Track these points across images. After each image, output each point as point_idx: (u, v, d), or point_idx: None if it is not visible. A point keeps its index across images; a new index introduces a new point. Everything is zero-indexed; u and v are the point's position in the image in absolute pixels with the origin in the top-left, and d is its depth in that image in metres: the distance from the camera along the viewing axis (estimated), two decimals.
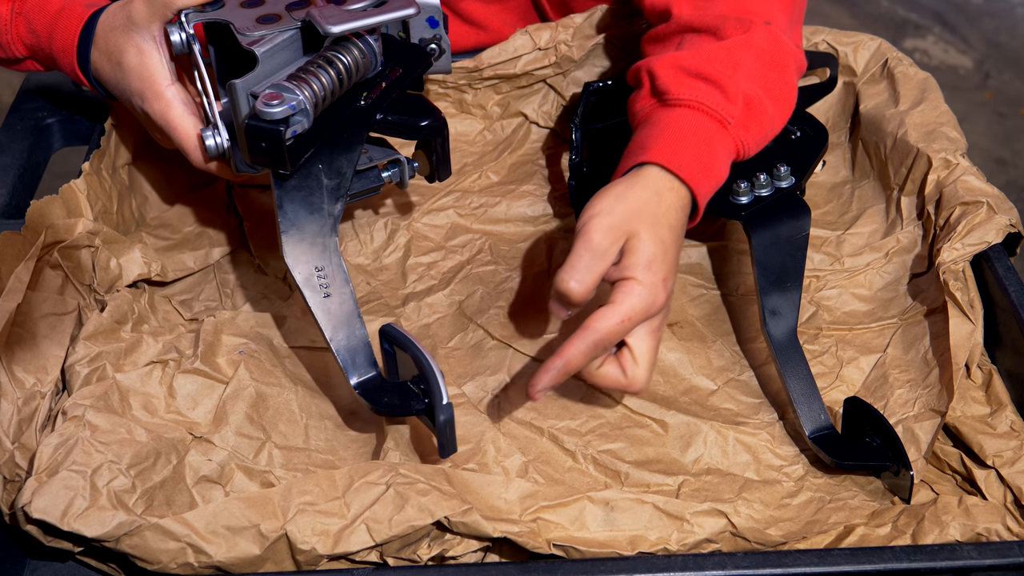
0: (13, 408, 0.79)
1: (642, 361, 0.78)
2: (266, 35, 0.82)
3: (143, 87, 0.87)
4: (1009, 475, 0.77)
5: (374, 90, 0.84)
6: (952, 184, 0.92)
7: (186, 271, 0.96)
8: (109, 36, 0.88)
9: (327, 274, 0.80)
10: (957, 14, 2.80)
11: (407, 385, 0.79)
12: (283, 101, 0.77)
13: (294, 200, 0.81)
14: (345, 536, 0.72)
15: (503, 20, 1.14)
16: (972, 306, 0.84)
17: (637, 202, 0.79)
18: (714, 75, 0.84)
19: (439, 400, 0.75)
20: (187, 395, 0.83)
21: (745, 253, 0.97)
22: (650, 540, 0.74)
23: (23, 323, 0.82)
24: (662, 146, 0.82)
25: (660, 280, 0.77)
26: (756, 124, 0.85)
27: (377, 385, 0.79)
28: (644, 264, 0.77)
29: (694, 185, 0.81)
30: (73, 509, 0.72)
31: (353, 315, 0.80)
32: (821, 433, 0.81)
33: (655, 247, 0.78)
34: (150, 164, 1.01)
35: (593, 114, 1.00)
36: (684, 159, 0.81)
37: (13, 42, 0.95)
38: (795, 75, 0.90)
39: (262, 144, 0.78)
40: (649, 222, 0.78)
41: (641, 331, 0.78)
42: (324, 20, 0.80)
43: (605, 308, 0.76)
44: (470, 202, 1.03)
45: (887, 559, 0.70)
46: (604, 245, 0.77)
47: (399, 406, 0.78)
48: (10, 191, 0.97)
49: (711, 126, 0.83)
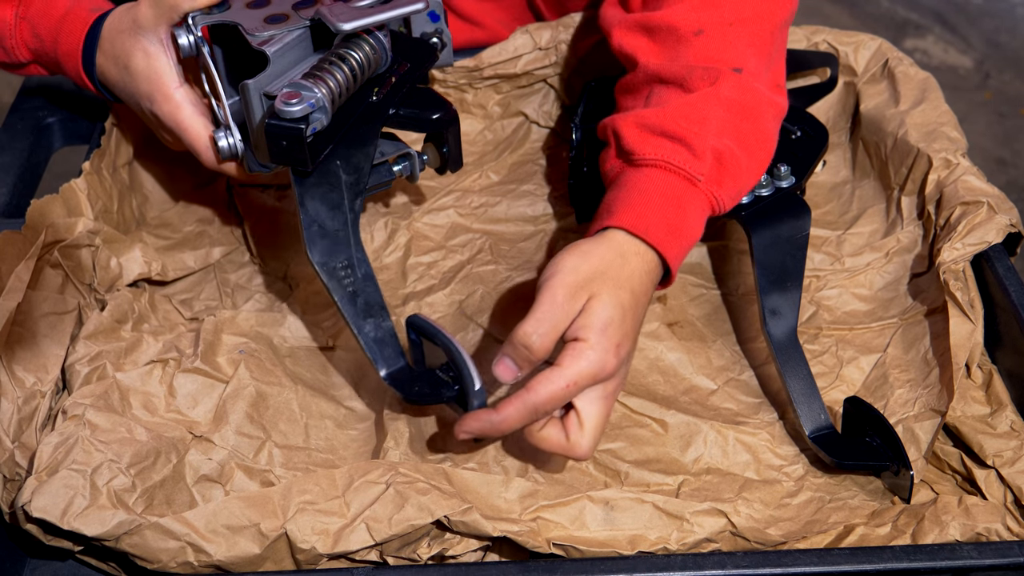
0: (13, 407, 0.79)
1: (588, 427, 0.75)
2: (275, 35, 0.82)
3: (152, 89, 0.87)
4: (1009, 475, 0.77)
5: (384, 86, 0.84)
6: (952, 184, 0.92)
7: (186, 270, 0.96)
8: (116, 40, 0.88)
9: (351, 268, 0.81)
10: (957, 14, 2.80)
11: (436, 373, 0.79)
12: (302, 100, 0.77)
13: (315, 197, 0.81)
14: (345, 535, 0.72)
15: (497, 18, 1.14)
16: (972, 306, 0.84)
17: (601, 263, 0.77)
18: (680, 132, 0.82)
19: (471, 386, 0.76)
20: (187, 394, 0.83)
21: (745, 253, 0.97)
22: (650, 539, 0.74)
23: (23, 322, 0.82)
24: (628, 209, 0.80)
25: (613, 345, 0.74)
26: (729, 178, 0.83)
27: (406, 375, 0.80)
28: (599, 327, 0.74)
29: (662, 248, 0.79)
30: (73, 508, 0.72)
31: (379, 307, 0.81)
32: (821, 433, 0.81)
33: (613, 311, 0.75)
34: (150, 163, 1.01)
35: (594, 114, 1.00)
36: (650, 222, 0.79)
37: (17, 47, 0.95)
38: (771, 121, 0.87)
39: (283, 143, 0.78)
40: (611, 285, 0.76)
41: (591, 395, 0.75)
42: (335, 18, 0.81)
43: (550, 370, 0.74)
44: (470, 202, 1.03)
45: (887, 559, 0.70)
46: (567, 304, 0.75)
47: (429, 394, 0.78)
48: (10, 190, 0.97)
49: (679, 185, 0.81)
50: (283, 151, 0.78)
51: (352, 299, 0.80)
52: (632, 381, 0.87)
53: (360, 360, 0.89)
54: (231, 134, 0.85)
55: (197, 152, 0.87)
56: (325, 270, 0.80)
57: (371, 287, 0.81)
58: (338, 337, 0.90)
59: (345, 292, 0.80)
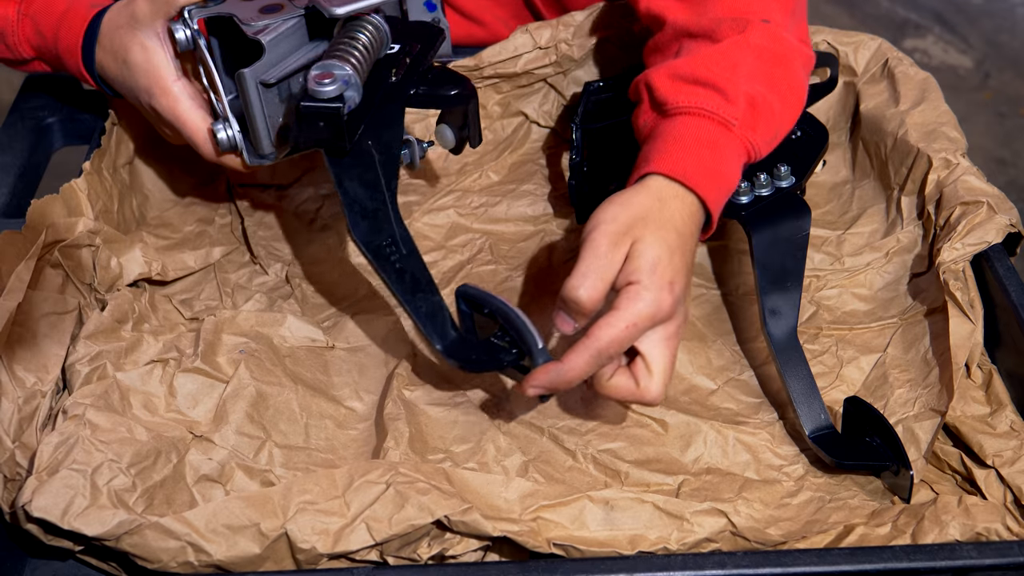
0: (14, 407, 0.79)
1: (656, 370, 0.76)
2: (270, 24, 0.83)
3: (150, 83, 0.87)
4: (1009, 475, 0.77)
5: (400, 66, 0.85)
6: (952, 184, 0.92)
7: (187, 270, 0.96)
8: (114, 35, 0.89)
9: (395, 246, 0.80)
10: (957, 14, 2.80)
11: (491, 341, 0.79)
12: (334, 79, 0.77)
13: (352, 178, 0.81)
14: (345, 535, 0.72)
15: (496, 15, 1.14)
16: (972, 306, 0.84)
17: (640, 209, 0.78)
18: (712, 79, 0.82)
19: (535, 345, 0.76)
20: (187, 394, 0.83)
21: (745, 253, 0.97)
22: (650, 539, 0.74)
23: (24, 322, 0.82)
24: (664, 155, 0.80)
25: (666, 283, 0.75)
26: (763, 123, 0.83)
27: (462, 345, 0.80)
28: (648, 268, 0.75)
29: (701, 190, 0.79)
30: (73, 508, 0.72)
31: (428, 281, 0.81)
32: (821, 433, 0.81)
33: (659, 250, 0.76)
34: (151, 163, 1.02)
35: (594, 114, 1.00)
36: (688, 165, 0.79)
37: (20, 43, 0.96)
38: (801, 70, 0.88)
39: (320, 124, 0.77)
40: (653, 226, 0.77)
41: (654, 338, 0.76)
42: (328, 3, 0.81)
43: (608, 315, 0.74)
44: (470, 201, 1.03)
45: (887, 559, 0.70)
46: (610, 252, 0.76)
47: (488, 361, 0.79)
48: (11, 190, 0.97)
49: (715, 130, 0.82)
50: (319, 132, 0.78)
51: (400, 276, 0.80)
52: None
53: (360, 360, 0.89)
54: (230, 126, 0.86)
55: (196, 145, 0.88)
56: (371, 249, 0.80)
57: (417, 263, 0.81)
58: (338, 337, 0.90)
59: (393, 269, 0.80)
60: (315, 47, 0.85)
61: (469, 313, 0.81)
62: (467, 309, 0.81)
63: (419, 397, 0.84)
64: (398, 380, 0.85)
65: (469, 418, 0.83)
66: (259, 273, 0.97)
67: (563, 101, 1.08)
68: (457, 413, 0.83)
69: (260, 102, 0.84)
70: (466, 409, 0.84)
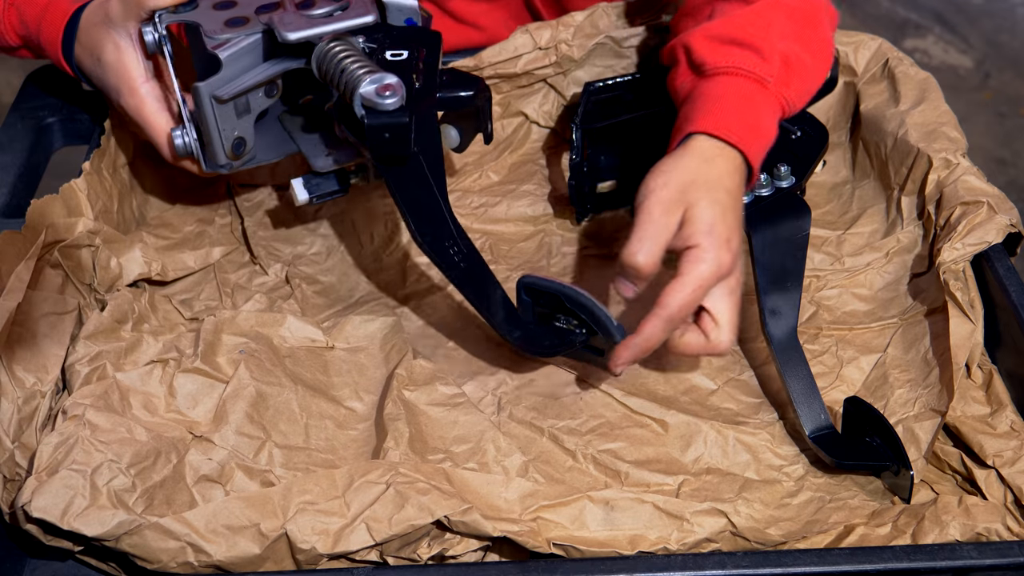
0: (13, 407, 0.79)
1: (723, 322, 0.80)
2: (231, 39, 0.83)
3: (119, 83, 0.89)
4: (1009, 475, 0.77)
5: (417, 72, 0.85)
6: (952, 184, 0.92)
7: (186, 270, 0.96)
8: (90, 31, 0.90)
9: (457, 245, 0.82)
10: (957, 14, 2.80)
11: (556, 326, 0.83)
12: (395, 91, 0.77)
13: (407, 186, 0.81)
14: (345, 535, 0.72)
15: (494, 18, 1.14)
16: (972, 306, 0.84)
17: (688, 173, 0.81)
18: (748, 39, 0.86)
19: (611, 324, 0.80)
20: (187, 394, 0.83)
21: (745, 253, 0.96)
22: (650, 539, 0.74)
23: (23, 322, 0.82)
24: (705, 115, 0.83)
25: (724, 242, 0.79)
26: (797, 79, 0.87)
27: (532, 333, 0.83)
28: (705, 230, 0.78)
29: (743, 146, 0.82)
30: (73, 508, 0.72)
31: (491, 278, 0.83)
32: (821, 433, 0.81)
33: (713, 211, 0.79)
34: (151, 163, 1.01)
35: (594, 114, 1.00)
36: (729, 123, 0.83)
37: (7, 31, 0.98)
38: (829, 28, 0.92)
39: (385, 135, 0.78)
40: (704, 189, 0.80)
41: (718, 292, 0.79)
42: (283, 27, 0.81)
43: (675, 281, 0.78)
44: (470, 202, 1.03)
45: (887, 559, 0.70)
46: (664, 218, 0.79)
47: (560, 344, 0.82)
48: (10, 190, 0.97)
49: (751, 88, 0.85)
50: (385, 144, 0.78)
51: (466, 276, 0.82)
52: (632, 381, 0.87)
53: (360, 360, 0.89)
54: (188, 133, 0.87)
55: (158, 147, 0.90)
56: (434, 248, 0.81)
57: (477, 258, 0.83)
58: (338, 337, 0.90)
59: (459, 269, 0.82)
60: (272, 65, 0.84)
61: (530, 302, 0.84)
62: (528, 298, 0.83)
63: (419, 397, 0.84)
64: (398, 380, 0.85)
65: (469, 418, 0.83)
66: (259, 273, 0.97)
67: (563, 101, 1.08)
68: (457, 413, 0.83)
69: (214, 116, 0.84)
70: (466, 409, 0.84)
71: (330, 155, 0.88)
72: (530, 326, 0.84)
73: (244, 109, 0.85)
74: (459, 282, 0.82)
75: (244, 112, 0.85)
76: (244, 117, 0.86)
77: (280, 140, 0.91)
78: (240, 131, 0.86)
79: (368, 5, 0.83)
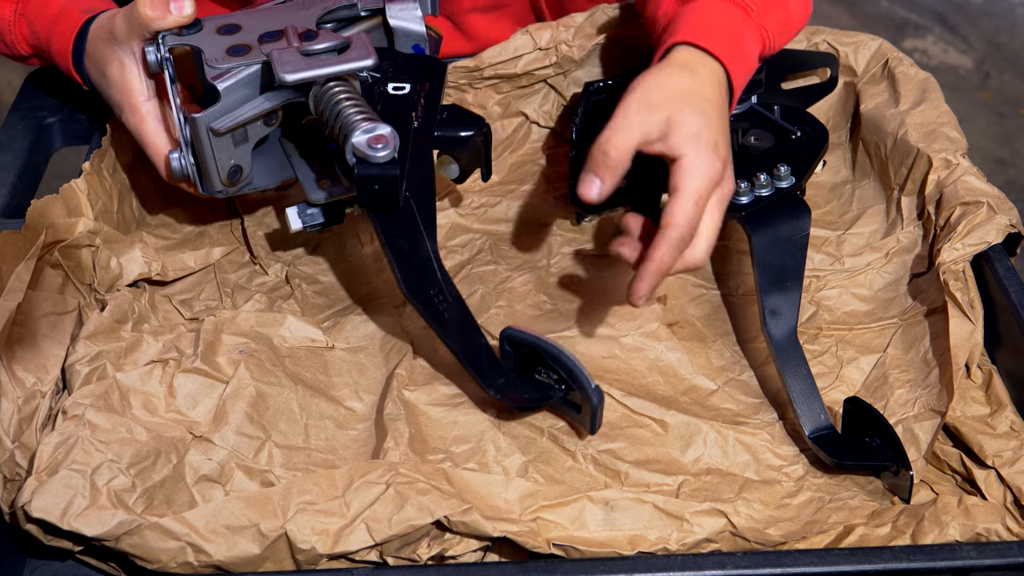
0: (13, 407, 0.79)
1: (702, 234, 0.79)
2: (231, 68, 0.82)
3: (121, 100, 0.89)
4: (1009, 475, 0.77)
5: (417, 109, 0.84)
6: (952, 184, 0.92)
7: (186, 270, 0.96)
8: (97, 45, 0.90)
9: (442, 294, 0.81)
10: (957, 14, 2.80)
11: (536, 379, 0.82)
12: (387, 143, 0.76)
13: (396, 233, 0.81)
14: (345, 535, 0.72)
15: (501, 28, 1.13)
16: (972, 306, 0.84)
17: (670, 79, 0.81)
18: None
19: (589, 385, 0.78)
20: (187, 394, 0.83)
21: (745, 253, 0.97)
22: (650, 540, 0.74)
23: (23, 322, 0.82)
24: (690, 27, 0.84)
25: (712, 149, 0.78)
26: (779, 11, 0.88)
27: (513, 385, 0.82)
28: (692, 138, 0.78)
29: (725, 61, 0.83)
30: (73, 508, 0.72)
31: (474, 327, 0.82)
32: (821, 433, 0.81)
33: (698, 119, 0.78)
34: (151, 164, 1.01)
35: (594, 114, 1.00)
36: (712, 35, 0.83)
37: (17, 41, 0.98)
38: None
39: (375, 187, 0.77)
40: (686, 96, 0.80)
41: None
42: (281, 67, 0.79)
43: (672, 198, 0.77)
44: (470, 202, 1.03)
45: (887, 559, 0.70)
46: (642, 114, 0.78)
47: (539, 399, 0.81)
48: (10, 190, 0.97)
49: (734, 11, 0.86)
50: (374, 195, 0.78)
51: (449, 324, 0.81)
52: (632, 381, 0.87)
53: (360, 360, 0.89)
54: (185, 156, 0.86)
55: (156, 166, 0.90)
56: (419, 299, 0.81)
57: (462, 308, 0.82)
58: (338, 337, 0.90)
59: (442, 319, 0.81)
60: (271, 98, 0.84)
61: (512, 353, 0.83)
62: (510, 349, 0.83)
63: (419, 397, 0.84)
64: (398, 380, 0.85)
65: (469, 418, 0.83)
66: (259, 273, 0.97)
67: (563, 101, 1.08)
68: (457, 413, 0.83)
69: (211, 146, 0.83)
70: (466, 409, 0.84)
71: (324, 188, 0.87)
72: (512, 376, 0.82)
73: (242, 139, 0.85)
74: (443, 333, 0.81)
75: (241, 142, 0.85)
76: (241, 146, 0.85)
77: (279, 165, 0.90)
78: (237, 159, 0.86)
79: (368, 47, 0.81)
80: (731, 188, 0.81)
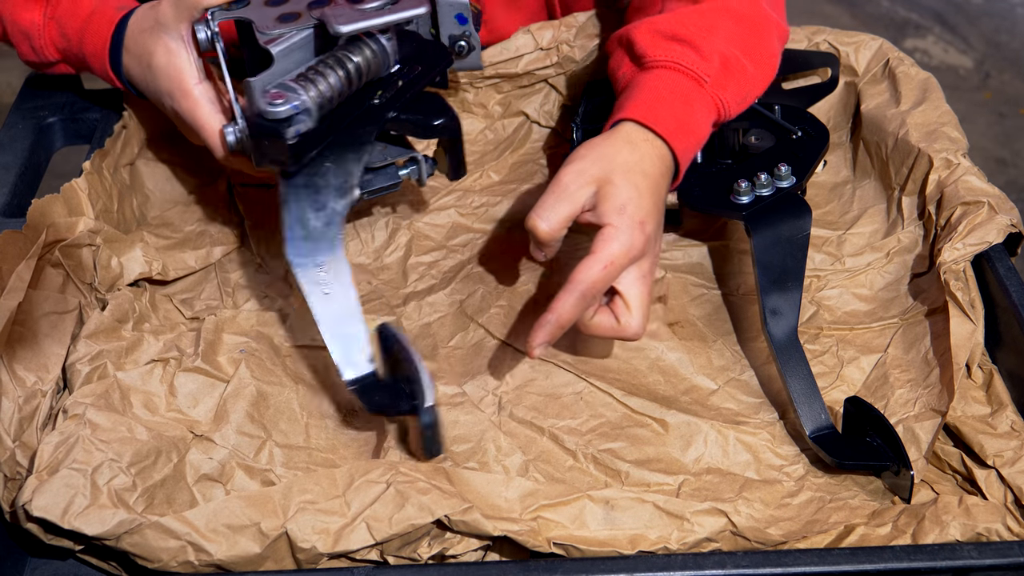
0: (14, 406, 0.79)
1: (634, 306, 0.80)
2: (284, 33, 0.83)
3: (171, 86, 0.88)
4: (1009, 475, 0.77)
5: (390, 88, 0.85)
6: (953, 184, 0.92)
7: (187, 270, 0.96)
8: (139, 38, 0.90)
9: (329, 271, 0.80)
10: (957, 14, 2.81)
11: (398, 385, 0.79)
12: (287, 100, 0.78)
13: (300, 197, 0.81)
14: (345, 534, 0.72)
15: (518, 20, 1.13)
16: (973, 306, 0.84)
17: (609, 150, 0.82)
18: (688, 36, 0.86)
19: (422, 402, 0.76)
20: (188, 393, 0.83)
21: (746, 253, 0.97)
22: (650, 539, 0.74)
23: (24, 321, 0.82)
24: (637, 104, 0.84)
25: (637, 223, 0.79)
26: (734, 83, 0.87)
27: (371, 384, 0.80)
28: (617, 209, 0.79)
29: (670, 139, 0.83)
30: (74, 507, 0.72)
31: (353, 313, 0.81)
32: (822, 433, 0.81)
33: (628, 191, 0.79)
34: (151, 163, 1.02)
35: (594, 114, 1.00)
36: (659, 114, 0.83)
37: (46, 46, 0.97)
38: (776, 42, 0.92)
39: (265, 142, 0.78)
40: (621, 169, 0.80)
41: (629, 277, 0.80)
42: (334, 20, 0.81)
43: (586, 259, 0.79)
44: (471, 201, 1.03)
45: (887, 559, 0.70)
46: (572, 187, 0.80)
47: (389, 405, 0.79)
48: (11, 190, 0.97)
49: (687, 84, 0.85)
50: (265, 151, 0.79)
51: (326, 301, 0.80)
52: (632, 381, 0.87)
53: None
54: (240, 129, 0.86)
55: (211, 146, 0.89)
56: (301, 269, 0.80)
57: (348, 292, 0.81)
58: None
59: (320, 294, 0.80)
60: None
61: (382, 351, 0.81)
62: (384, 347, 0.81)
63: None
64: None
65: (470, 417, 0.83)
66: (260, 272, 0.97)
67: (564, 101, 1.08)
68: (457, 413, 0.83)
69: None
70: (467, 409, 0.84)
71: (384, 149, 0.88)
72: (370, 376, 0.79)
73: None
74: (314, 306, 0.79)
75: None
76: None
77: None
78: None
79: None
80: (653, 264, 0.82)
